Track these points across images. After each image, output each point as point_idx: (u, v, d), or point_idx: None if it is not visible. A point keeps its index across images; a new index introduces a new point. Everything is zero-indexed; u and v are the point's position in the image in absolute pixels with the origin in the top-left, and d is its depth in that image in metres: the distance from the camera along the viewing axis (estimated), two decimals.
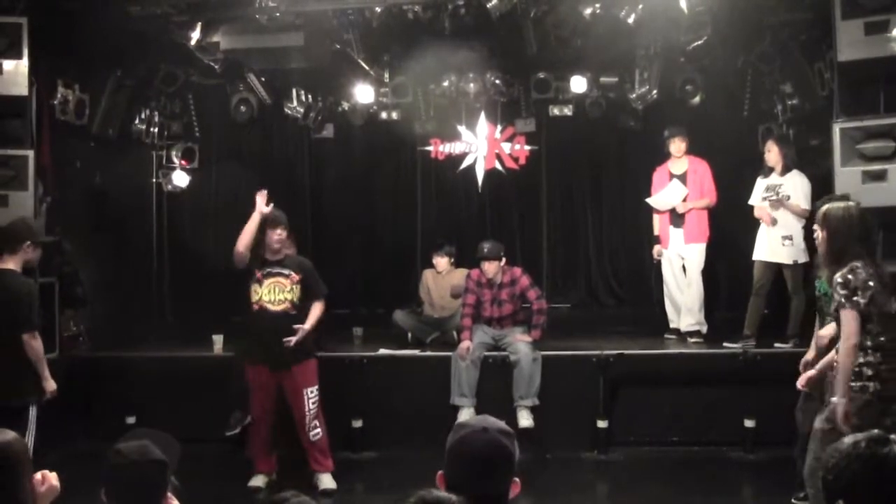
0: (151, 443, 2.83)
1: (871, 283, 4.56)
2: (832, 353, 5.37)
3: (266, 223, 6.74)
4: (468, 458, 2.50)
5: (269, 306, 6.74)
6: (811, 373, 5.32)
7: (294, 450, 7.00)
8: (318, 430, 6.83)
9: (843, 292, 4.57)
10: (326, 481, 6.85)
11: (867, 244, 4.72)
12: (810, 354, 5.81)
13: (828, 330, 5.50)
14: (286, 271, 6.80)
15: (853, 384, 4.60)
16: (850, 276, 4.57)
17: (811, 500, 5.11)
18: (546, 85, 10.05)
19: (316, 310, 6.86)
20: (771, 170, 8.10)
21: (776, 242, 7.93)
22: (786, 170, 7.99)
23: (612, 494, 7.26)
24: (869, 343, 4.59)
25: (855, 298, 4.54)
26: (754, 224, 8.21)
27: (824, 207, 4.95)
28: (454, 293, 8.82)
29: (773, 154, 8.05)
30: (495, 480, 2.53)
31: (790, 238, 7.80)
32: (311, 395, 6.79)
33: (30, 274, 6.56)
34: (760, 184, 8.16)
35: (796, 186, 7.89)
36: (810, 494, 5.07)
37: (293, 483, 5.97)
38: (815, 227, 4.96)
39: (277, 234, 6.76)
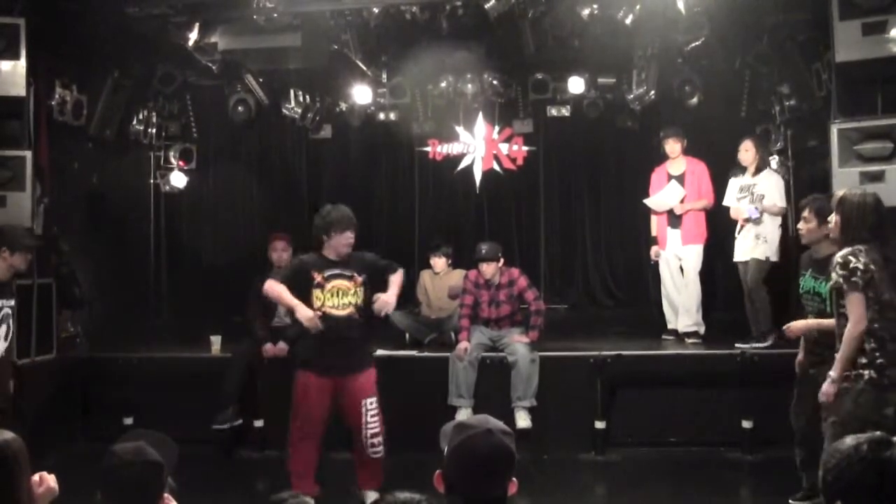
0: (148, 444, 2.83)
1: (871, 268, 4.53)
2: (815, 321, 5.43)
3: (341, 227, 6.17)
4: (473, 460, 2.50)
5: (333, 311, 6.12)
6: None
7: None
8: (380, 447, 6.19)
9: (841, 272, 4.55)
10: (371, 496, 6.29)
11: (880, 233, 4.67)
12: (802, 355, 5.84)
13: (799, 323, 5.58)
14: (349, 272, 6.19)
15: (848, 373, 4.62)
16: (850, 258, 4.55)
17: None
18: (544, 85, 10.06)
19: (397, 277, 6.37)
20: (744, 169, 8.14)
21: (750, 241, 7.98)
22: (758, 170, 8.04)
23: (609, 495, 7.25)
24: (867, 323, 4.58)
25: (853, 279, 4.52)
26: None
27: (841, 192, 4.92)
28: (452, 294, 8.82)
29: (749, 154, 8.11)
30: (498, 482, 2.53)
31: (764, 237, 7.86)
32: (371, 406, 6.18)
33: (24, 278, 6.54)
34: (734, 184, 8.23)
35: (770, 186, 7.96)
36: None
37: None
38: (832, 216, 4.91)
39: (346, 238, 6.18)
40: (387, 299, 6.19)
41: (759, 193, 7.98)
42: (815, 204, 5.84)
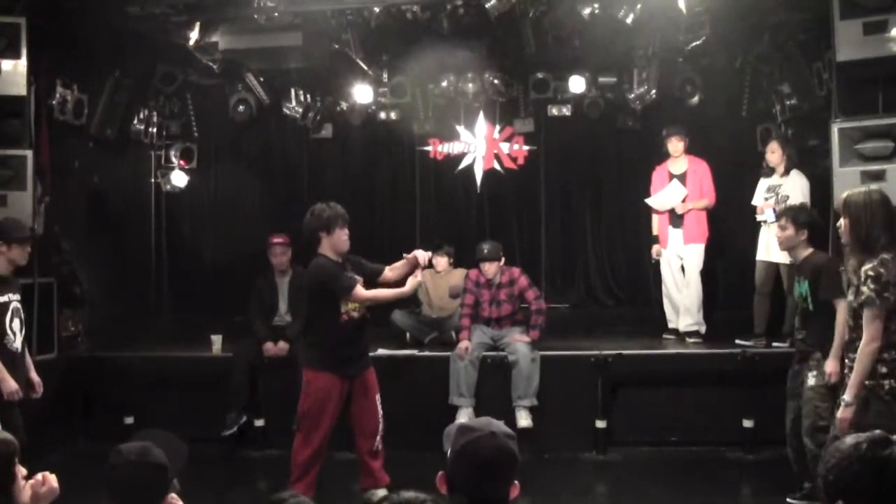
0: (155, 445, 2.84)
1: None
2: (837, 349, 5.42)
3: (342, 222, 6.14)
4: (477, 461, 2.51)
5: (355, 314, 6.16)
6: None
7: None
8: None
9: (873, 286, 4.45)
10: (380, 493, 6.21)
11: (893, 230, 4.59)
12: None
13: (833, 366, 5.51)
14: (355, 275, 6.17)
15: (868, 382, 4.53)
16: (881, 270, 4.45)
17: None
18: (545, 85, 10.05)
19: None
20: (772, 170, 8.13)
21: (774, 242, 7.96)
22: (787, 171, 8.02)
23: (611, 495, 7.26)
24: (881, 342, 4.50)
25: (886, 294, 4.43)
26: (753, 224, 8.23)
27: (844, 194, 4.84)
28: (453, 293, 8.82)
29: (776, 155, 8.08)
30: (501, 484, 2.53)
31: None
32: (379, 401, 6.31)
33: (25, 277, 6.50)
34: (762, 184, 8.21)
35: (796, 187, 7.92)
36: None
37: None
38: (840, 221, 4.83)
39: (346, 234, 6.16)
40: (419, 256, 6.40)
41: (783, 194, 7.96)
42: (790, 213, 6.08)
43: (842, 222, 4.77)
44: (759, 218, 8.14)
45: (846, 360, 4.77)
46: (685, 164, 8.75)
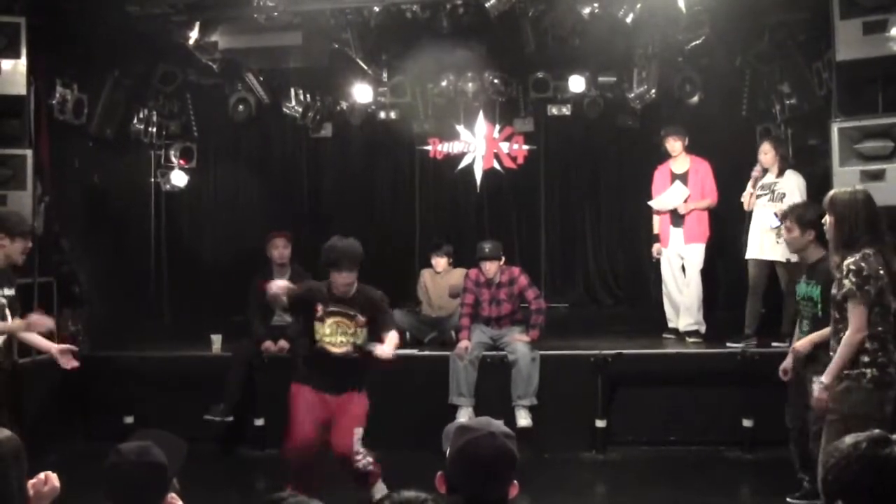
0: (155, 444, 2.84)
1: (881, 273, 4.56)
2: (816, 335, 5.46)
3: (342, 266, 5.98)
4: (476, 462, 2.51)
5: (330, 347, 6.06)
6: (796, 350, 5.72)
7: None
8: (370, 466, 6.09)
9: (854, 280, 4.55)
10: (381, 488, 6.18)
11: (877, 230, 4.69)
12: (788, 361, 5.86)
13: (804, 342, 5.65)
14: (352, 312, 6.08)
15: (850, 371, 4.62)
16: (862, 264, 4.55)
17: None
18: (544, 84, 10.04)
19: (394, 337, 6.18)
20: (765, 171, 8.12)
21: (769, 240, 7.95)
22: (781, 171, 8.01)
23: (610, 494, 7.26)
24: (867, 332, 4.60)
25: (867, 288, 4.53)
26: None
27: (830, 193, 4.93)
28: (452, 293, 8.82)
29: (769, 156, 8.06)
30: (500, 484, 2.53)
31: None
32: (359, 436, 6.09)
33: (25, 276, 6.50)
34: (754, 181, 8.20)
35: (792, 186, 7.90)
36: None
37: None
38: (825, 218, 4.91)
39: (344, 279, 6.00)
40: (387, 355, 6.05)
41: (779, 192, 7.94)
42: (794, 213, 6.00)
43: (827, 220, 4.85)
44: (742, 199, 8.11)
45: (830, 353, 4.85)
46: (687, 164, 8.75)
